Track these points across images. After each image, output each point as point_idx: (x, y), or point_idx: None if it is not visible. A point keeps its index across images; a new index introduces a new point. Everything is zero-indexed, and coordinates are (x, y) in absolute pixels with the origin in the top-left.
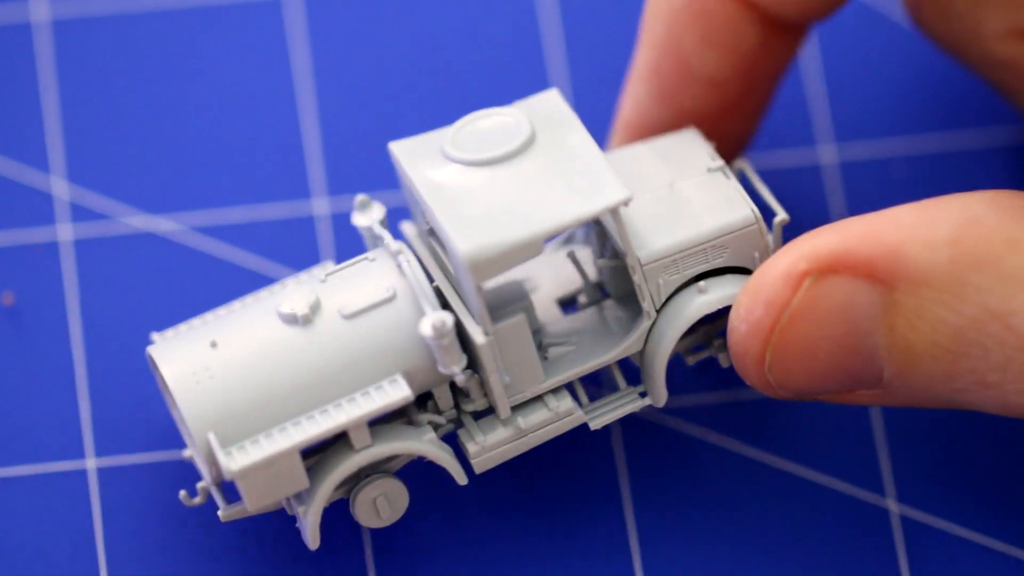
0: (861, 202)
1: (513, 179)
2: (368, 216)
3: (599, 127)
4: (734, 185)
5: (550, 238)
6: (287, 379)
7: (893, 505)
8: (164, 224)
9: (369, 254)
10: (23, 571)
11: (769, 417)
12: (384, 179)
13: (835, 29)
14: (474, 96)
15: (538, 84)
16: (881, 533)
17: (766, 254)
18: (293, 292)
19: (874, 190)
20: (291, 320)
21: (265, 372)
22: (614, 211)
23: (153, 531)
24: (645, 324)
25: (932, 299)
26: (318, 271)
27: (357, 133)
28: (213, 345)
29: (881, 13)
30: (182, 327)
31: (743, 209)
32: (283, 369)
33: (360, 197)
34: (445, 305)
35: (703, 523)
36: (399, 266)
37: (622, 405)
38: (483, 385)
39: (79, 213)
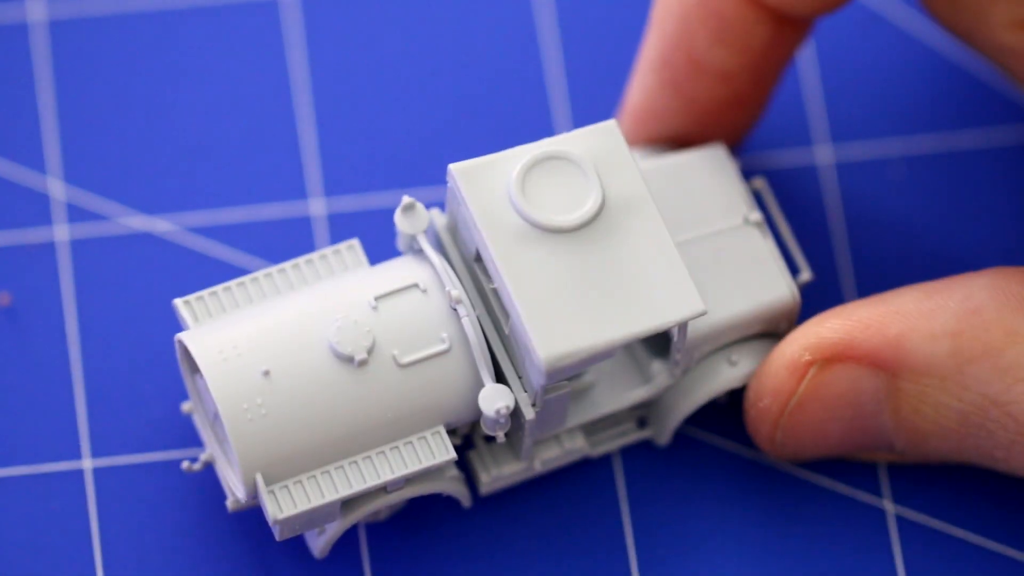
0: (857, 203)
1: (588, 260)
2: (412, 223)
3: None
4: (771, 249)
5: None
6: (336, 424)
7: (889, 505)
8: (160, 224)
9: (419, 280)
10: (19, 572)
11: None
12: (381, 180)
13: (832, 29)
14: (471, 96)
15: (536, 84)
16: (877, 533)
17: (791, 326)
18: (350, 330)
19: (870, 191)
20: (347, 360)
21: (315, 414)
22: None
23: (149, 531)
24: (670, 382)
25: (934, 386)
26: (345, 250)
27: (354, 134)
28: (266, 374)
29: (878, 13)
30: (206, 295)
31: (783, 287)
32: (334, 413)
33: (407, 199)
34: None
35: (700, 523)
36: (457, 315)
37: (623, 435)
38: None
39: (75, 214)
